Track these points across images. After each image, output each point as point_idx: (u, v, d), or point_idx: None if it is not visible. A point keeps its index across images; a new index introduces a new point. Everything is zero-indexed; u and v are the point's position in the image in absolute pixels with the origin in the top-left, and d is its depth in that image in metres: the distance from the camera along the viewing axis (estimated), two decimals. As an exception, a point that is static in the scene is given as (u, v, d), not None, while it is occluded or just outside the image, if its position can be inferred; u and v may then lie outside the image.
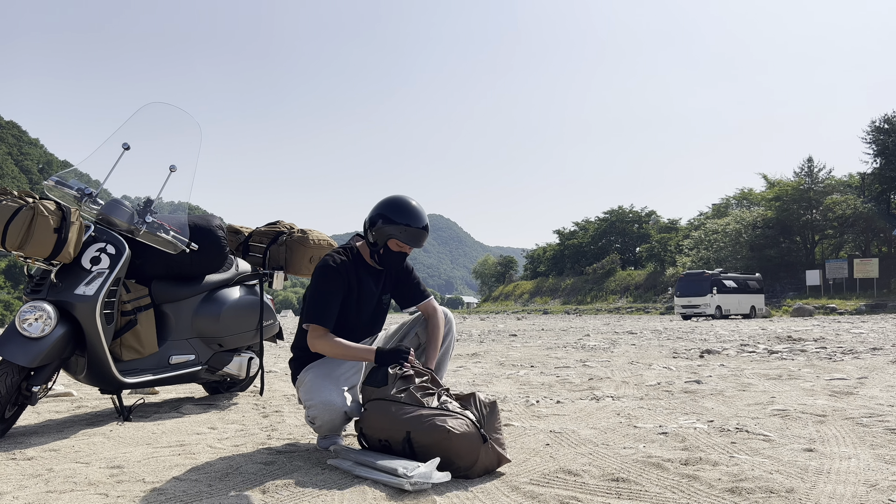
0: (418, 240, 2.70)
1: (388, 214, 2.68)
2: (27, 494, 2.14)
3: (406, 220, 2.66)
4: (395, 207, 2.69)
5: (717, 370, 5.70)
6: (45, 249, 3.01)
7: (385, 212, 2.69)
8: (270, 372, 6.09)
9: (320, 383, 2.65)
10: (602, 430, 3.05)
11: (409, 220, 2.66)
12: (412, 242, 2.69)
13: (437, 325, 2.86)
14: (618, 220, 63.10)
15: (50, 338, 3.03)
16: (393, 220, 2.66)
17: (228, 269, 4.13)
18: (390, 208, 2.69)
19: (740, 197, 51.13)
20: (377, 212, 2.71)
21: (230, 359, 4.06)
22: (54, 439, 3.04)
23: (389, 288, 2.95)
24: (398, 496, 2.05)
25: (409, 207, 2.68)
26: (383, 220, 2.68)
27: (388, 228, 2.67)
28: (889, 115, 39.30)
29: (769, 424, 3.13)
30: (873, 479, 2.15)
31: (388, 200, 2.72)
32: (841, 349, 7.76)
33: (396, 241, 2.69)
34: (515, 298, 66.49)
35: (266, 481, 2.25)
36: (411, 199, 2.73)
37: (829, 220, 40.08)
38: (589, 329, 16.25)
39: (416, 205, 2.71)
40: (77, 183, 3.40)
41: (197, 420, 3.55)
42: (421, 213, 2.71)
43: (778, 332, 12.19)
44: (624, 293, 51.87)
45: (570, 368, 6.10)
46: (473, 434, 2.27)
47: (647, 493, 2.05)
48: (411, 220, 2.67)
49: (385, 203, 2.72)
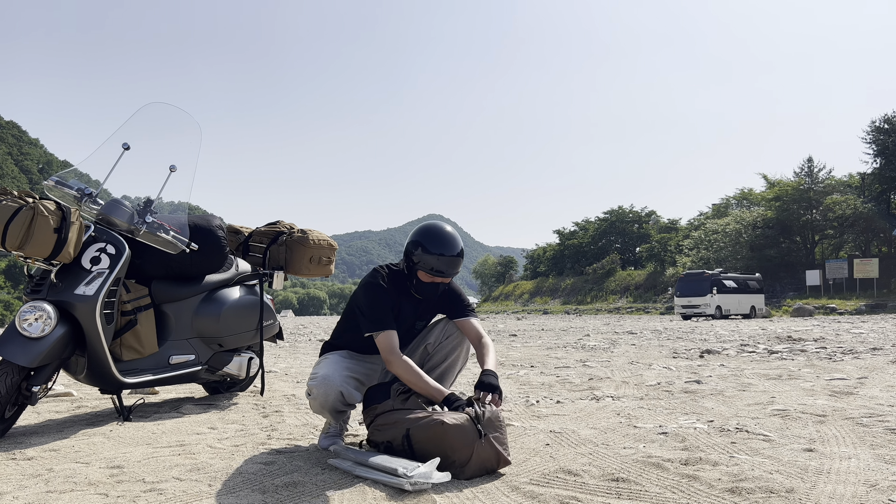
0: (450, 267, 2.63)
1: (412, 245, 2.65)
2: (27, 494, 2.14)
3: (440, 249, 2.60)
4: (423, 236, 2.64)
5: (717, 370, 5.70)
6: (45, 249, 3.01)
7: (411, 242, 2.66)
8: (270, 372, 6.09)
9: (330, 362, 2.72)
10: (602, 430, 3.05)
11: (437, 249, 2.60)
12: (444, 272, 2.63)
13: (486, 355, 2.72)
14: (618, 221, 63.10)
15: (50, 338, 3.03)
16: (417, 250, 2.63)
17: (228, 270, 4.13)
18: (416, 237, 2.66)
19: (740, 197, 51.13)
20: (413, 240, 2.67)
21: (230, 359, 4.06)
22: (54, 439, 3.04)
23: (430, 314, 2.89)
24: (398, 496, 2.05)
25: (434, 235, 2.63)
26: (410, 250, 2.66)
27: (415, 259, 2.64)
28: (889, 115, 39.29)
29: (769, 424, 3.13)
30: (873, 479, 2.15)
31: (423, 229, 2.68)
32: (841, 349, 7.76)
33: (424, 272, 2.65)
34: (515, 298, 66.49)
35: (266, 481, 2.25)
36: (445, 226, 2.67)
37: (829, 220, 40.07)
38: (589, 329, 16.25)
39: (449, 233, 2.65)
40: (77, 183, 3.40)
41: (197, 420, 3.55)
42: (453, 242, 2.63)
43: (778, 332, 12.19)
44: (624, 293, 51.87)
45: (570, 368, 6.10)
46: (469, 427, 2.27)
47: (647, 493, 2.05)
48: (436, 248, 2.60)
49: (420, 231, 2.68)
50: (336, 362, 2.73)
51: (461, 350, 2.84)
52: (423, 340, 2.87)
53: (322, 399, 2.63)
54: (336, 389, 2.61)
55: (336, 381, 2.63)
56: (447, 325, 2.85)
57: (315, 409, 2.71)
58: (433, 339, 2.85)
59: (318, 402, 2.65)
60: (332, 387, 2.61)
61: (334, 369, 2.68)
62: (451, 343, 2.82)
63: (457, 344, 2.83)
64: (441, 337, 2.84)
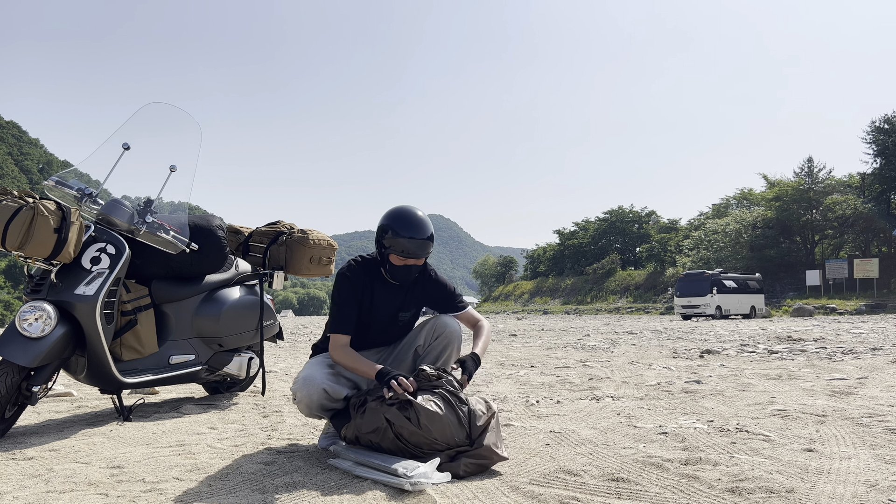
0: (420, 250, 2.65)
1: (381, 230, 2.68)
2: (27, 494, 2.14)
3: (404, 232, 2.63)
4: (393, 220, 2.67)
5: (717, 370, 5.70)
6: (45, 249, 3.01)
7: (380, 227, 2.68)
8: (270, 372, 6.09)
9: (311, 363, 2.73)
10: (602, 430, 3.05)
11: (406, 232, 2.63)
12: (413, 253, 2.65)
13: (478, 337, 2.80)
14: (618, 221, 63.09)
15: (50, 338, 3.03)
16: (387, 234, 2.65)
17: (228, 270, 4.13)
18: (385, 221, 2.68)
19: (740, 197, 51.12)
20: (382, 223, 2.69)
21: (230, 359, 4.06)
22: (54, 439, 3.04)
23: (414, 305, 2.89)
24: (398, 496, 2.05)
25: (404, 218, 2.65)
26: (380, 235, 2.68)
27: (384, 243, 2.66)
28: (889, 115, 39.29)
29: (769, 424, 3.13)
30: (873, 479, 2.15)
31: (392, 212, 2.70)
32: (841, 349, 7.76)
33: (395, 254, 2.67)
34: (515, 298, 66.48)
35: (266, 481, 2.25)
36: (416, 210, 2.69)
37: (829, 221, 40.06)
38: (589, 329, 16.25)
39: (419, 217, 2.67)
40: (77, 183, 3.40)
41: (197, 420, 3.55)
42: (422, 226, 2.65)
43: (778, 333, 12.19)
44: (624, 293, 51.86)
45: (570, 368, 6.10)
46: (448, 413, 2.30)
47: (647, 493, 2.05)
48: (406, 231, 2.63)
49: (388, 215, 2.70)
50: (318, 362, 2.73)
51: (451, 349, 2.84)
52: (413, 343, 2.88)
53: (307, 400, 2.62)
54: (319, 388, 2.60)
55: (318, 379, 2.62)
56: (436, 325, 2.84)
57: (304, 412, 2.69)
58: (423, 340, 2.86)
59: (304, 404, 2.64)
60: (315, 386, 2.60)
61: (315, 369, 2.68)
62: (441, 343, 2.83)
63: (447, 344, 2.83)
64: (430, 339, 2.85)
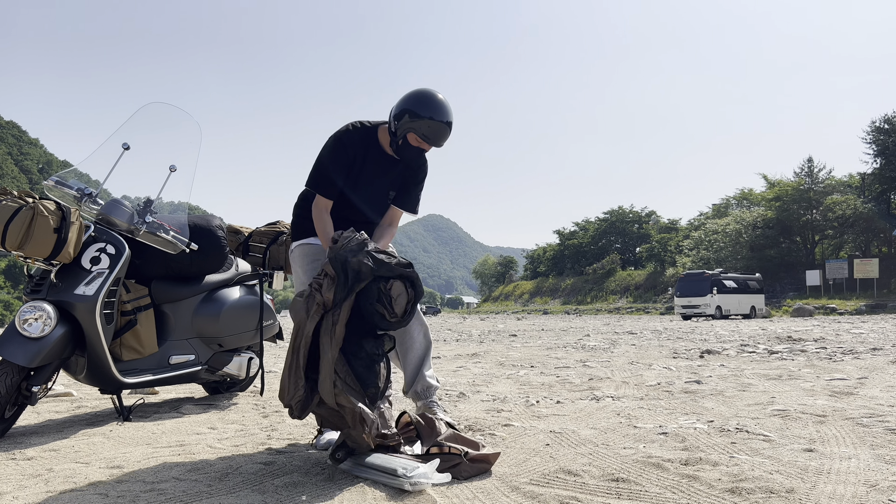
0: (438, 136, 2.67)
1: (412, 107, 2.65)
2: (27, 494, 2.14)
3: (429, 113, 2.63)
4: (419, 100, 2.65)
5: (717, 370, 5.70)
6: (45, 249, 3.01)
7: (409, 105, 2.66)
8: (270, 372, 6.09)
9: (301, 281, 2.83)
10: (602, 430, 3.05)
11: (433, 114, 2.63)
12: (431, 138, 2.67)
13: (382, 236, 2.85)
14: (618, 221, 63.11)
15: (50, 338, 3.03)
16: (416, 114, 2.63)
17: (228, 270, 4.13)
18: (414, 101, 2.66)
19: (740, 197, 51.15)
20: (402, 105, 2.68)
21: (230, 359, 4.06)
22: (54, 439, 3.04)
23: (398, 185, 2.91)
24: (398, 496, 2.05)
25: (433, 101, 2.65)
26: (408, 114, 2.65)
27: (410, 121, 2.65)
28: (889, 115, 39.31)
29: (769, 424, 3.13)
30: (873, 479, 2.15)
31: (413, 93, 2.69)
32: (841, 349, 7.76)
33: (415, 135, 2.67)
34: (515, 298, 66.50)
35: (266, 481, 2.25)
36: (438, 92, 2.69)
37: (829, 221, 40.08)
38: (589, 329, 16.25)
39: (441, 99, 2.67)
40: (77, 183, 3.40)
41: (197, 420, 3.55)
42: (444, 108, 2.66)
43: (778, 333, 12.19)
44: (624, 293, 51.88)
45: (570, 368, 6.10)
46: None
47: (647, 493, 2.05)
48: (434, 114, 2.63)
49: (409, 96, 2.69)
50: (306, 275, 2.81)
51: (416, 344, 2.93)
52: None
53: None
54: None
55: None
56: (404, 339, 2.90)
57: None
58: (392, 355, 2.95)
59: None
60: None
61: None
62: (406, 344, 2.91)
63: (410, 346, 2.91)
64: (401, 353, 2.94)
